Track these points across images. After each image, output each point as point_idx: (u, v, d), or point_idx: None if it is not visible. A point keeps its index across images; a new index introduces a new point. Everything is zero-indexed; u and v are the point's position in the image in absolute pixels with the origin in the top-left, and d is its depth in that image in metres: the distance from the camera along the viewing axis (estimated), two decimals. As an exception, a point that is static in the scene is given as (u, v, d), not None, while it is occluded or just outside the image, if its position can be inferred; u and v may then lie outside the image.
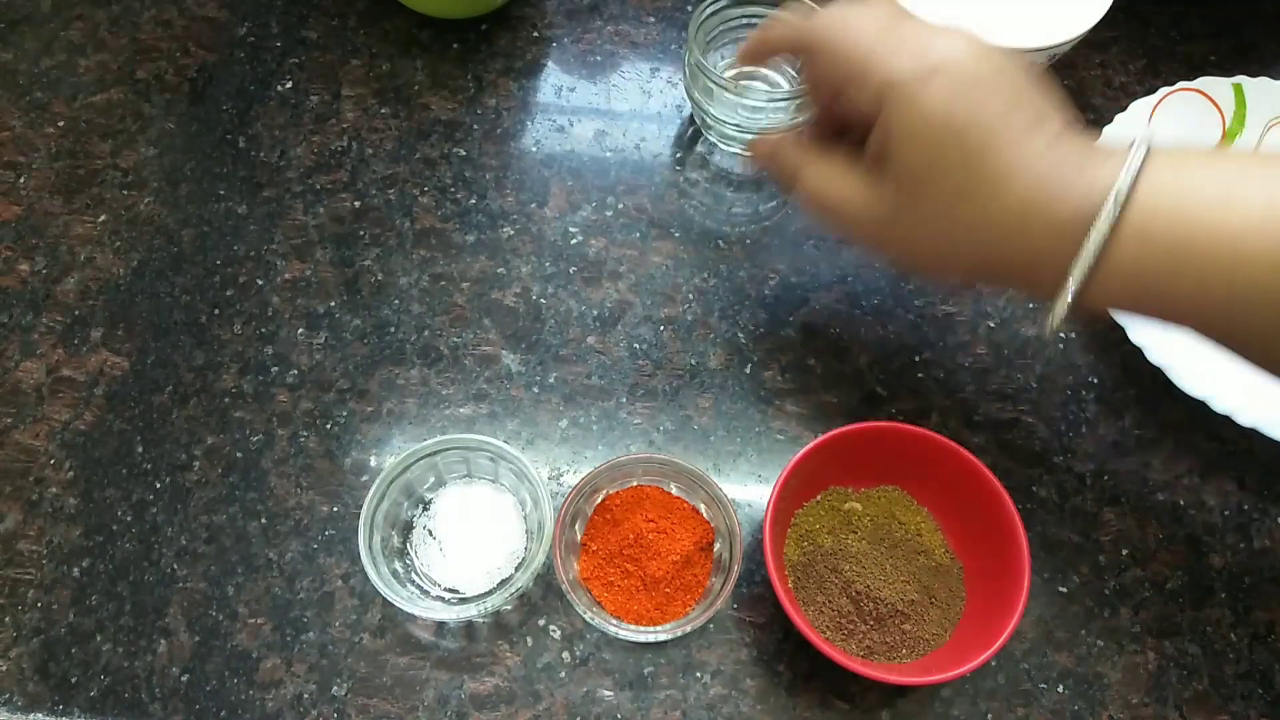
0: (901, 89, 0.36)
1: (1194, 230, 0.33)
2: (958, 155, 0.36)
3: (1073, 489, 0.47)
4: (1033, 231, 0.35)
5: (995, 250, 0.37)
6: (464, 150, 0.56)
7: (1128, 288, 0.35)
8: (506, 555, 0.43)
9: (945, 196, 0.36)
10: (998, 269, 0.38)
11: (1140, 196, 0.33)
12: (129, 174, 0.54)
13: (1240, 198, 0.32)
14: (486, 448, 0.43)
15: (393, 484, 0.42)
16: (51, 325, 0.50)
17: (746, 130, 0.52)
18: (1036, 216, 0.35)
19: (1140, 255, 0.33)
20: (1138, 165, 0.34)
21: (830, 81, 0.40)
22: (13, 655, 0.42)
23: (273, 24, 0.60)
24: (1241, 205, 0.32)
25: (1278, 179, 0.33)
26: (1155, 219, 0.33)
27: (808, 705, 0.42)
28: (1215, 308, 0.33)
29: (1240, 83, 0.55)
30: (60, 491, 0.46)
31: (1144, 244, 0.33)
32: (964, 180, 0.36)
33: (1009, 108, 0.36)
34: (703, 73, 0.50)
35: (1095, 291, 0.35)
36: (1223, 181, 0.33)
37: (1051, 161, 0.35)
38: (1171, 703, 0.43)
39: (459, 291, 0.51)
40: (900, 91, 0.36)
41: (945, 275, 0.45)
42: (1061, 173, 0.35)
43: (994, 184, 0.35)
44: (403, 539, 0.44)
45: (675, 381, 0.49)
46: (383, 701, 0.42)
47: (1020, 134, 0.35)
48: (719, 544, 0.43)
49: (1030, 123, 0.36)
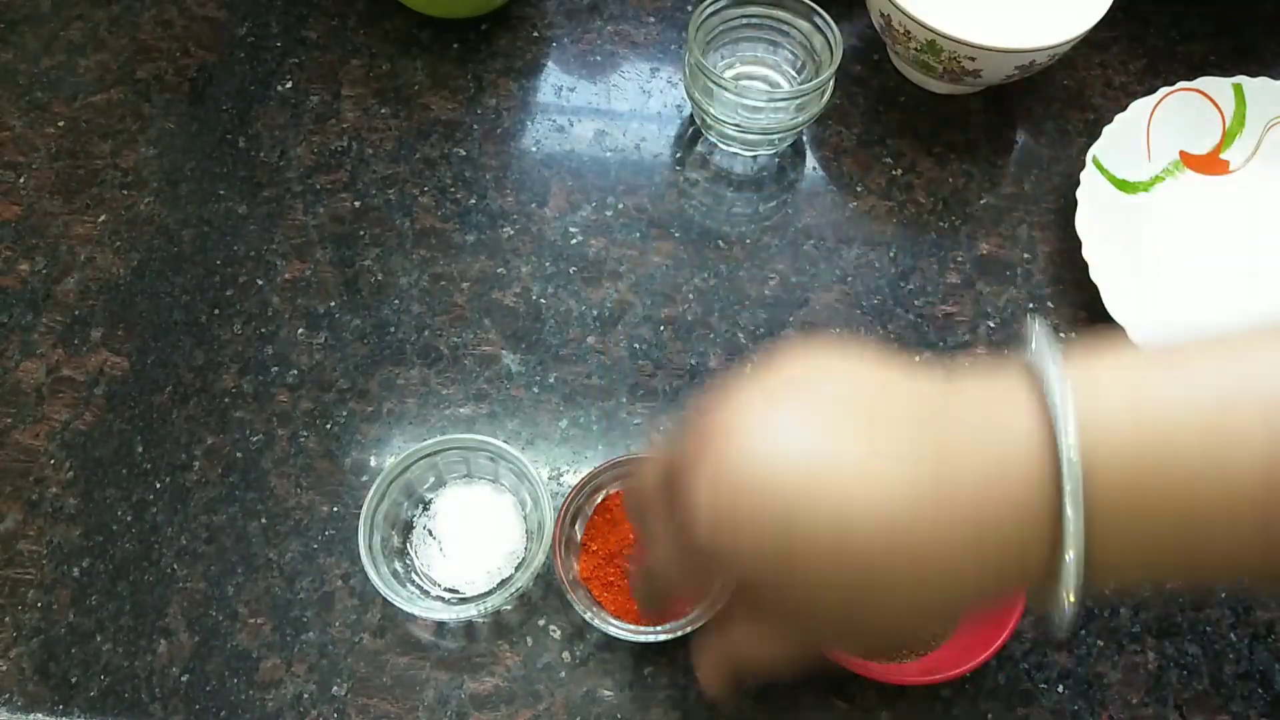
0: (686, 483, 0.27)
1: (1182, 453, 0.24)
2: (802, 506, 0.25)
3: (1073, 489, 0.47)
4: (990, 551, 0.25)
5: (950, 598, 0.27)
6: (464, 150, 0.56)
7: (1133, 549, 0.25)
8: (506, 555, 0.43)
9: (816, 564, 0.26)
10: (962, 602, 0.29)
11: (1093, 423, 0.24)
12: (129, 174, 0.54)
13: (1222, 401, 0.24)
14: (486, 448, 0.43)
15: (393, 484, 0.42)
16: (51, 325, 0.50)
17: (747, 130, 0.52)
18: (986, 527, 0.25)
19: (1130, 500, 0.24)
20: (1070, 403, 0.24)
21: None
22: (13, 655, 0.42)
23: (273, 24, 0.60)
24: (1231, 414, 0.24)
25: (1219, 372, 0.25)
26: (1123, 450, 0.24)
27: (808, 705, 0.42)
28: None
29: (1240, 83, 0.55)
30: (60, 491, 0.46)
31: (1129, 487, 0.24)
32: (838, 549, 0.25)
33: (833, 424, 0.26)
34: (703, 73, 0.50)
35: (1102, 573, 0.25)
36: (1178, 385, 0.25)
37: (925, 451, 0.25)
38: (1171, 703, 0.43)
39: (459, 291, 0.51)
40: (686, 485, 0.27)
41: (923, 630, 0.38)
42: (960, 455, 0.25)
43: (870, 526, 0.25)
44: (403, 539, 0.44)
45: (675, 381, 0.49)
46: (383, 701, 0.42)
47: (856, 438, 0.26)
48: None
49: (867, 422, 0.26)
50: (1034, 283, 0.52)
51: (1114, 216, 0.52)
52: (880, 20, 0.54)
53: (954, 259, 0.53)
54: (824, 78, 0.50)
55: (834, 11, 0.52)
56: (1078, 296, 0.52)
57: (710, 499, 0.26)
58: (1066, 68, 0.59)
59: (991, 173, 0.56)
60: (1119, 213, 0.52)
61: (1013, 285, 0.52)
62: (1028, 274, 0.53)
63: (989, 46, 0.49)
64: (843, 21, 0.60)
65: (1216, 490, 0.24)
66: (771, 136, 0.53)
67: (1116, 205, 0.53)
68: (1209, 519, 0.24)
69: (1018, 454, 0.25)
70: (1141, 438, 0.24)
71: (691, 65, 0.51)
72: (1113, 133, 0.53)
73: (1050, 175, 0.56)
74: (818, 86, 0.51)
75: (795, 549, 0.25)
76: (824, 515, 0.25)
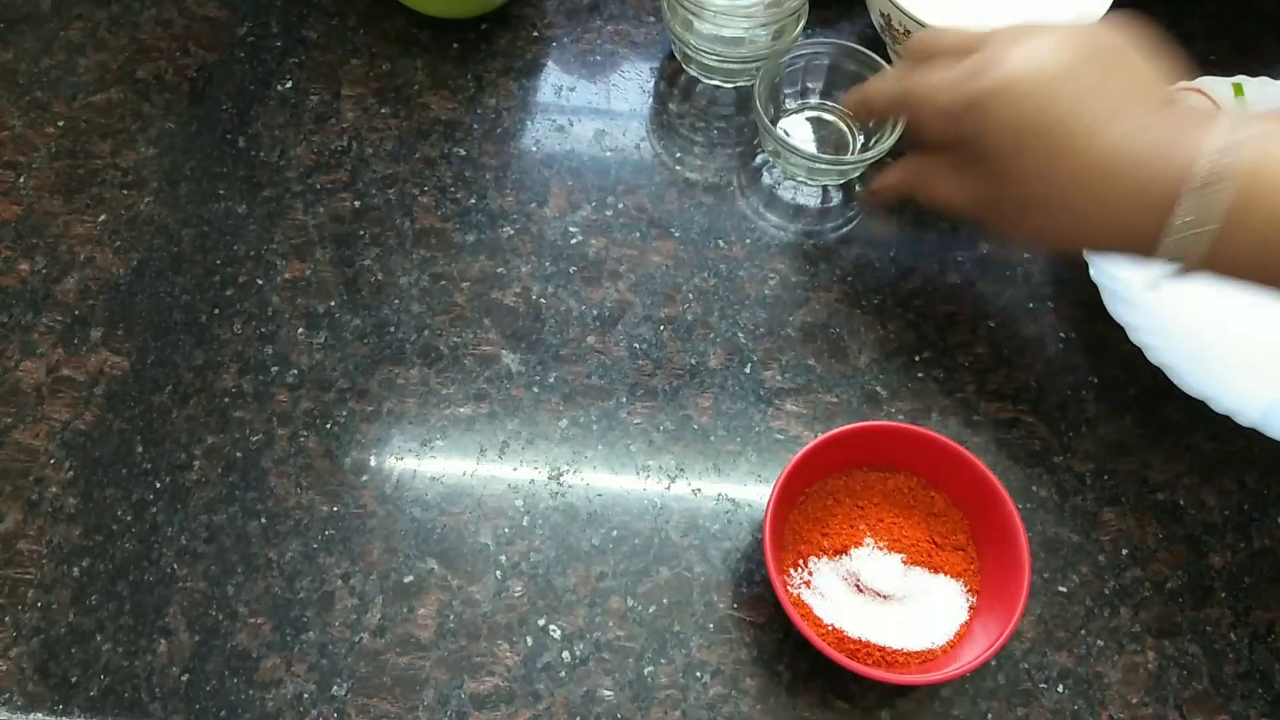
0: (991, 55, 0.38)
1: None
2: (1051, 115, 0.37)
3: (1073, 489, 0.47)
4: (1128, 190, 0.36)
5: (1093, 211, 0.38)
6: (464, 150, 0.56)
7: (1236, 254, 0.35)
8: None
9: (1039, 159, 0.38)
10: (1100, 232, 0.39)
11: (1245, 156, 0.34)
12: (129, 174, 0.54)
13: None
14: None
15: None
16: (51, 325, 0.50)
17: (727, 60, 0.53)
18: (1131, 174, 0.36)
19: (1246, 220, 0.34)
20: (1244, 130, 0.34)
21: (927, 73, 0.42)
22: (13, 655, 0.42)
23: (273, 24, 0.60)
24: None
25: None
26: (1262, 180, 0.34)
27: (808, 705, 0.42)
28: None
29: (1240, 82, 0.55)
30: (60, 491, 0.46)
31: (1249, 209, 0.34)
32: (1056, 141, 0.37)
33: (1104, 75, 0.37)
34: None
35: (1203, 256, 0.35)
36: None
37: (1147, 124, 0.36)
38: (1171, 703, 0.43)
39: (459, 291, 0.51)
40: (989, 57, 0.38)
41: (1053, 242, 0.46)
42: (1159, 135, 0.36)
43: (1087, 142, 0.36)
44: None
45: (675, 381, 0.49)
46: (383, 701, 0.42)
47: (1116, 98, 0.37)
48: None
49: (1127, 89, 0.37)
50: (1034, 283, 0.52)
51: (1114, 216, 0.52)
52: (880, 20, 0.54)
53: (954, 259, 0.53)
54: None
55: (834, 11, 0.52)
56: (1078, 296, 0.52)
57: (1011, 65, 0.38)
58: (1066, 67, 0.59)
59: (991, 172, 0.56)
60: (1119, 212, 0.52)
61: (1013, 285, 0.52)
62: (1028, 274, 0.53)
63: (989, 46, 0.49)
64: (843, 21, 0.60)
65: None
66: (750, 66, 0.55)
67: (1116, 205, 0.53)
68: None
69: (1195, 137, 0.35)
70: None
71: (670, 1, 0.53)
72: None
73: (1050, 175, 0.56)
74: (793, 9, 0.53)
75: (1034, 126, 0.37)
76: (1060, 112, 0.37)
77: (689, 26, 0.53)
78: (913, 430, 0.43)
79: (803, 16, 0.54)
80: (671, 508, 0.46)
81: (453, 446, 0.47)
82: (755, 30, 0.53)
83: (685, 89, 0.58)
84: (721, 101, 0.57)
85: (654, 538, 0.46)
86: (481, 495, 0.46)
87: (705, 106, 0.57)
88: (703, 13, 0.52)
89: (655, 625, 0.44)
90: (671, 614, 0.44)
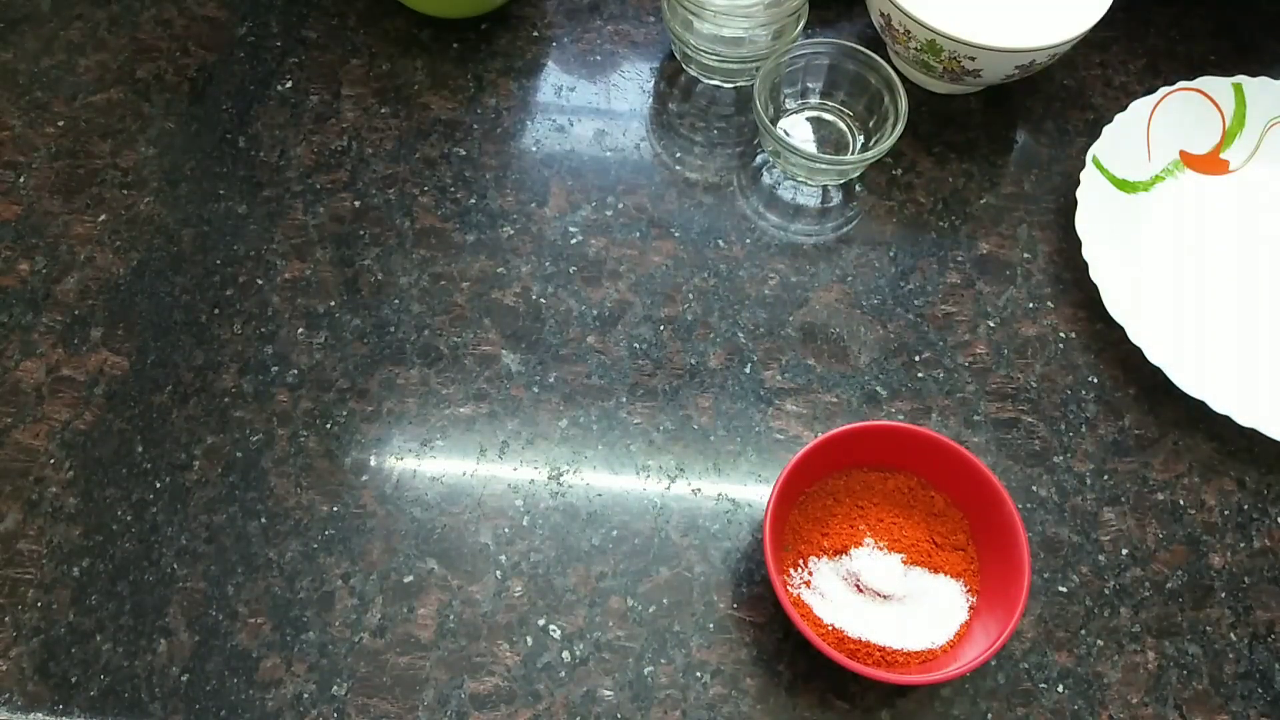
0: None
1: None
2: None
3: (1072, 489, 0.47)
4: None
5: None
6: (464, 150, 0.56)
7: None
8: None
9: None
10: None
11: None
12: (129, 174, 0.54)
13: None
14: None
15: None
16: (51, 325, 0.50)
17: (727, 60, 0.53)
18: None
19: None
20: None
21: None
22: (13, 655, 0.42)
23: (273, 24, 0.60)
24: None
25: None
26: None
27: (808, 705, 0.42)
28: None
29: (1240, 82, 0.55)
30: (60, 491, 0.46)
31: None
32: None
33: None
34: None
35: None
36: None
37: None
38: (1171, 703, 0.43)
39: (459, 291, 0.51)
40: None
41: None
42: None
43: None
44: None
45: (675, 381, 0.49)
46: (383, 701, 0.42)
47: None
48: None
49: None
50: (1034, 283, 0.52)
51: (1114, 216, 0.52)
52: (880, 20, 0.54)
53: (954, 259, 0.53)
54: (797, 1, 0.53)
55: (834, 11, 0.52)
56: (1078, 296, 0.52)
57: None
58: (1066, 67, 0.59)
59: (991, 172, 0.56)
60: (1119, 212, 0.53)
61: (1013, 285, 0.52)
62: (1028, 274, 0.53)
63: (989, 46, 0.49)
64: (843, 21, 0.60)
65: None
66: (750, 66, 0.54)
67: (1116, 205, 0.53)
68: None
69: None
70: None
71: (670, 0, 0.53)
72: (1113, 132, 0.53)
73: (1050, 175, 0.56)
74: (793, 9, 0.52)
75: None
76: None
77: (689, 26, 0.53)
78: (913, 430, 0.43)
79: (803, 16, 0.54)
80: (671, 508, 0.46)
81: (453, 446, 0.47)
82: (755, 30, 0.53)
83: (685, 89, 0.58)
84: (721, 101, 0.57)
85: (654, 538, 0.46)
86: (481, 495, 0.46)
87: (705, 106, 0.57)
88: (703, 13, 0.52)
89: (655, 625, 0.44)
90: (671, 614, 0.44)
